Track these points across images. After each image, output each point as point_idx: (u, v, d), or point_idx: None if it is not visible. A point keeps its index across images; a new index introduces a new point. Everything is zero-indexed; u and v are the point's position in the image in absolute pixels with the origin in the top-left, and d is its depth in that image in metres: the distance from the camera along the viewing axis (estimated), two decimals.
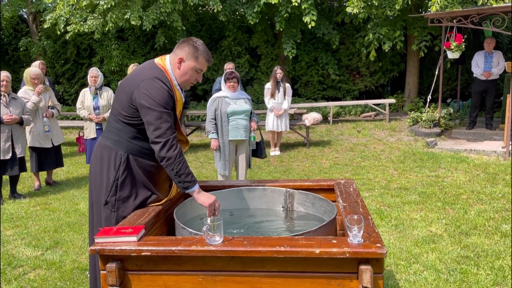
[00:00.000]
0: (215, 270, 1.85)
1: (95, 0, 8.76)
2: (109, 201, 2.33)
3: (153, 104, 2.19)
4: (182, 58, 2.30)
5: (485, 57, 8.05)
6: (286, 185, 2.77)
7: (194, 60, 2.31)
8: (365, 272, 1.72)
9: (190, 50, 2.30)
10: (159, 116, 2.19)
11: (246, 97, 4.93)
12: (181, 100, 2.39)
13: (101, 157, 2.39)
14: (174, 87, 2.32)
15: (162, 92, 2.22)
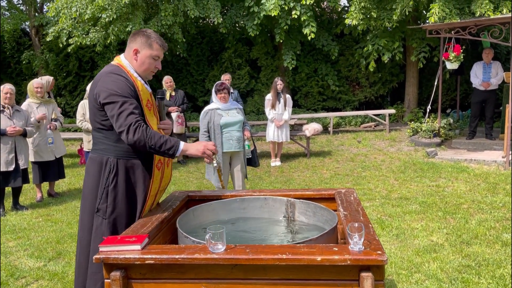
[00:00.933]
0: (218, 278, 1.87)
1: (97, 13, 8.87)
2: (100, 208, 2.31)
3: (110, 97, 2.21)
4: (137, 49, 2.33)
5: (483, 67, 8.13)
6: (287, 194, 2.79)
7: (148, 48, 2.33)
8: (366, 279, 1.74)
9: (142, 39, 2.33)
10: (118, 107, 2.20)
11: (238, 107, 4.97)
12: (145, 90, 2.38)
13: (91, 169, 2.39)
14: (134, 78, 2.32)
15: (117, 83, 2.23)
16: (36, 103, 5.80)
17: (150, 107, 2.39)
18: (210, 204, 2.67)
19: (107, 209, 2.31)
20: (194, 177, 7.13)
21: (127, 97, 2.23)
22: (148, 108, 2.36)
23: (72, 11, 8.84)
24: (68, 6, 8.90)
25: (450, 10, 7.87)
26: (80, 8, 8.79)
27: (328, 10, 12.75)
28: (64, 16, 9.02)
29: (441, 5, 7.83)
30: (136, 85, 2.31)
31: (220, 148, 4.74)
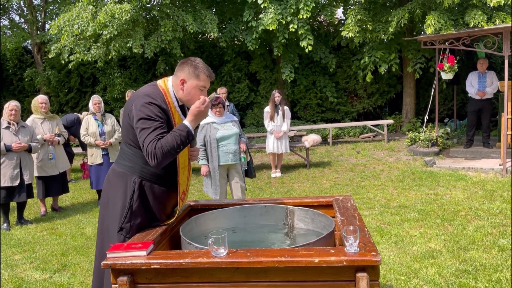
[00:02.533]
0: (221, 281, 1.95)
1: (99, 30, 9.06)
2: (124, 227, 2.33)
3: (140, 122, 2.22)
4: (184, 79, 2.33)
5: (478, 77, 8.27)
6: (286, 202, 2.88)
7: (195, 79, 2.33)
8: (361, 279, 1.82)
9: (190, 69, 2.32)
10: (147, 130, 2.21)
11: (233, 119, 5.07)
12: (181, 121, 2.37)
13: (114, 183, 2.41)
14: (173, 109, 2.34)
15: (152, 106, 2.23)
16: (40, 118, 5.92)
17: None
18: (212, 212, 2.76)
19: (130, 229, 2.34)
20: (195, 189, 7.22)
21: (157, 121, 2.22)
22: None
23: (74, 28, 9.04)
24: (70, 23, 9.10)
25: (445, 21, 8.04)
26: (81, 25, 8.99)
27: (324, 24, 12.98)
28: (66, 34, 9.21)
29: (436, 16, 8.01)
30: (174, 117, 2.33)
31: (216, 161, 4.83)
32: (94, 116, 6.25)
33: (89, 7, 9.17)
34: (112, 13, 8.70)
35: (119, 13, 8.67)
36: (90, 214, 5.96)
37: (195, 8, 10.42)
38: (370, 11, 9.96)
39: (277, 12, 9.52)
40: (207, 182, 4.93)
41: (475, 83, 8.27)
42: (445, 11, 8.35)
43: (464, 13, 8.35)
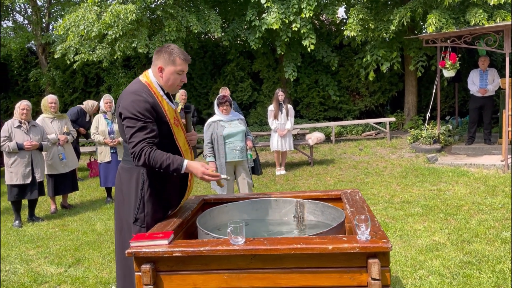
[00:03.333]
0: (239, 268, 2.05)
1: (104, 30, 9.16)
2: (138, 218, 2.44)
3: (127, 120, 2.32)
4: (161, 66, 2.43)
5: (480, 74, 8.37)
6: (296, 196, 2.99)
7: (172, 65, 2.42)
8: (373, 265, 1.93)
9: (165, 56, 2.42)
10: (132, 132, 2.31)
11: (240, 117, 5.17)
12: (171, 109, 2.49)
13: (125, 179, 2.54)
14: (160, 98, 2.43)
15: (137, 104, 2.31)
16: (50, 118, 6.03)
17: (177, 124, 2.51)
18: (225, 206, 2.87)
19: (145, 218, 2.44)
20: (201, 187, 7.33)
21: (142, 120, 2.31)
22: (175, 125, 2.49)
23: (80, 29, 9.14)
24: (76, 24, 9.20)
25: (446, 20, 8.14)
26: (87, 26, 9.09)
27: (327, 23, 13.08)
28: (72, 34, 9.31)
29: (438, 15, 8.10)
30: (162, 105, 2.42)
31: (223, 158, 4.93)
32: (105, 115, 6.36)
33: (94, 7, 9.27)
34: (117, 13, 8.81)
35: (124, 14, 8.78)
36: (100, 211, 6.07)
37: (198, 8, 10.53)
38: (372, 10, 10.07)
39: (280, 12, 9.62)
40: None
41: (477, 80, 8.37)
42: (446, 10, 8.44)
43: (465, 11, 8.45)
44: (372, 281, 1.92)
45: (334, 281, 2.01)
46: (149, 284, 2.06)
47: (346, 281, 1.99)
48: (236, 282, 2.06)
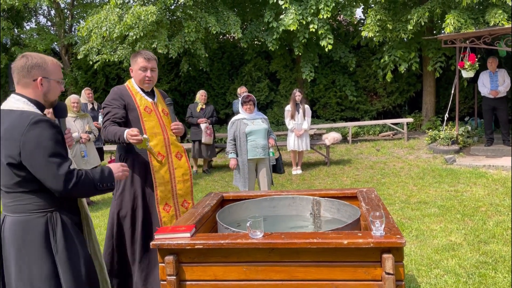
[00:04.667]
0: (257, 261, 2.14)
1: (125, 31, 9.38)
2: (114, 193, 3.10)
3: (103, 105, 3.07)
4: (131, 68, 3.06)
5: (490, 76, 8.30)
6: (313, 194, 3.06)
7: (134, 63, 3.00)
8: (387, 260, 2.00)
9: (132, 59, 3.04)
10: (103, 112, 3.03)
11: (263, 117, 5.30)
12: (143, 99, 3.03)
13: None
14: (134, 91, 3.03)
15: (109, 96, 3.01)
16: (72, 117, 6.23)
17: (149, 111, 3.03)
18: (244, 202, 2.97)
19: (116, 192, 3.05)
20: (219, 185, 7.45)
21: (109, 106, 2.98)
22: (147, 112, 3.02)
23: (102, 30, 9.38)
24: (99, 26, 9.45)
25: (465, 20, 8.08)
26: (109, 27, 9.32)
27: (344, 23, 13.08)
28: (94, 36, 9.56)
29: (456, 15, 8.06)
30: (134, 97, 3.01)
31: (245, 155, 5.05)
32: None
33: (116, 9, 9.50)
34: (138, 15, 9.01)
35: (144, 15, 8.97)
36: None
37: (217, 9, 10.67)
38: (390, 10, 10.04)
39: (297, 13, 9.69)
40: (236, 176, 5.16)
41: (487, 82, 8.30)
42: (465, 10, 8.38)
43: (484, 12, 8.38)
44: (386, 275, 1.99)
45: (349, 275, 2.08)
46: (172, 274, 2.17)
47: (361, 275, 2.07)
48: (254, 274, 2.15)
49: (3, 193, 2.00)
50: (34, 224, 1.97)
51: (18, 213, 1.98)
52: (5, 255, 2.00)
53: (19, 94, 2.06)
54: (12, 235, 1.97)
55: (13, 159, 1.90)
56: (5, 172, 1.95)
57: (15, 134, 1.90)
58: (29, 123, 1.90)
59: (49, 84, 2.08)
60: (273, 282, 2.14)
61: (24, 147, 1.89)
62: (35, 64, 2.04)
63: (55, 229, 2.00)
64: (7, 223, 1.99)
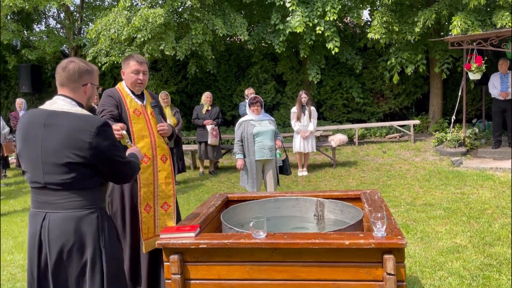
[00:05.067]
0: (260, 261, 2.18)
1: (133, 34, 9.48)
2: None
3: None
4: (123, 71, 3.13)
5: (501, 78, 8.27)
6: (317, 195, 3.10)
7: (127, 67, 3.09)
8: (388, 260, 2.02)
9: (124, 62, 3.13)
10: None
11: (270, 118, 5.35)
12: (133, 102, 3.11)
13: None
14: (125, 94, 3.10)
15: (102, 97, 3.10)
16: None
17: (138, 114, 3.11)
18: (248, 203, 3.00)
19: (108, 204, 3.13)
20: (225, 186, 7.50)
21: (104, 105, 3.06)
22: (136, 114, 3.10)
23: (111, 32, 9.48)
24: (107, 28, 9.55)
25: (472, 22, 8.06)
26: (118, 29, 9.42)
27: (351, 25, 13.08)
28: (103, 38, 9.67)
29: (463, 17, 8.04)
30: (125, 99, 3.10)
31: (253, 155, 5.10)
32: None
33: (124, 12, 9.60)
34: (146, 17, 9.10)
35: (152, 18, 9.06)
36: None
37: (224, 12, 10.73)
38: (397, 12, 10.04)
39: (304, 15, 9.72)
40: (243, 177, 5.21)
41: (497, 84, 8.27)
42: (472, 12, 8.36)
43: (491, 14, 8.35)
44: (387, 276, 2.02)
45: (351, 275, 2.11)
46: (176, 273, 2.21)
47: (362, 275, 2.10)
48: (257, 274, 2.19)
49: (50, 191, 2.07)
50: (88, 219, 2.09)
51: (70, 209, 2.07)
52: (51, 249, 2.07)
53: (68, 97, 2.15)
54: (63, 230, 2.05)
55: (80, 158, 2.04)
56: (62, 170, 2.05)
57: (83, 136, 2.03)
58: (97, 127, 2.05)
59: (92, 90, 2.24)
60: (276, 282, 2.17)
61: (97, 148, 2.05)
62: (85, 70, 2.18)
63: (104, 224, 2.14)
64: (54, 220, 2.06)
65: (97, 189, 2.14)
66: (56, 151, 2.03)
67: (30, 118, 2.12)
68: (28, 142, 2.09)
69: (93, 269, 2.07)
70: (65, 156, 2.03)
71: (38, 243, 2.08)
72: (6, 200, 7.33)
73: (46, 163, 2.05)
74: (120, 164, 2.15)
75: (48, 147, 2.04)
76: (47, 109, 2.12)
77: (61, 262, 2.07)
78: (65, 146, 2.03)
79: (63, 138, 2.03)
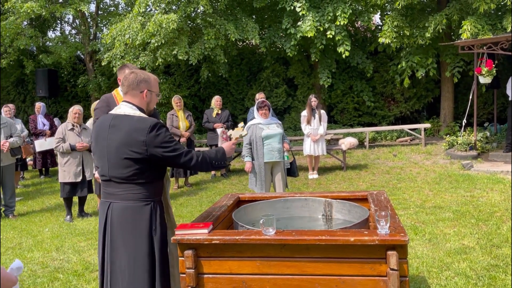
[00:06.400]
0: (270, 256, 2.30)
1: (147, 39, 9.69)
2: None
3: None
4: (118, 78, 3.58)
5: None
6: (325, 196, 3.20)
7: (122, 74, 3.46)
8: (392, 256, 2.13)
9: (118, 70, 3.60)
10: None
11: (277, 122, 5.48)
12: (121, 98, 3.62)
13: None
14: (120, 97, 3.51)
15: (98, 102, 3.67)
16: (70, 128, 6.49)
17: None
18: (258, 203, 3.12)
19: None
20: (236, 189, 7.63)
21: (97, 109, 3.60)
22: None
23: (125, 37, 9.72)
24: (122, 33, 9.79)
25: (482, 26, 8.09)
26: (132, 35, 9.66)
27: (362, 29, 13.15)
28: (118, 43, 9.91)
29: (473, 21, 8.08)
30: (117, 99, 3.57)
31: (262, 158, 5.22)
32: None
33: (139, 18, 9.83)
34: (160, 23, 9.31)
35: (166, 23, 9.26)
36: None
37: (236, 16, 10.90)
38: (408, 16, 10.09)
39: (315, 20, 9.83)
40: (252, 179, 5.33)
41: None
42: (482, 16, 8.39)
43: (502, 18, 8.36)
44: (391, 271, 2.12)
45: (356, 270, 2.22)
46: (191, 268, 2.34)
47: (367, 271, 2.20)
48: (267, 269, 2.31)
49: (114, 184, 2.42)
50: (143, 210, 2.42)
51: (129, 200, 2.41)
52: (112, 233, 2.42)
53: (130, 102, 2.51)
54: (122, 218, 2.40)
55: (138, 154, 2.35)
56: (123, 165, 2.38)
57: (139, 136, 2.34)
58: (150, 126, 2.36)
59: (151, 96, 2.55)
60: (284, 276, 2.29)
61: (150, 144, 2.34)
62: (142, 79, 2.51)
63: (156, 215, 2.45)
64: (115, 209, 2.41)
65: (153, 183, 2.45)
66: (117, 148, 2.36)
67: (101, 120, 2.51)
68: (98, 141, 2.47)
69: (144, 254, 2.40)
70: (124, 152, 2.35)
71: (103, 229, 2.45)
72: (25, 201, 7.56)
73: (110, 159, 2.39)
74: (173, 157, 2.40)
75: (111, 145, 2.38)
76: (114, 113, 2.48)
77: (117, 246, 2.41)
78: (124, 143, 2.35)
79: (123, 137, 2.36)
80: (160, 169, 2.50)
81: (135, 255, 2.41)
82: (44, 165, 9.38)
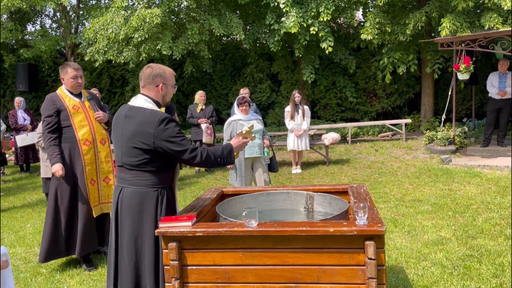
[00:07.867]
0: (252, 247, 2.36)
1: (131, 33, 9.62)
2: None
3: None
4: (62, 77, 3.89)
5: (499, 77, 8.49)
6: (306, 189, 3.28)
7: (65, 74, 3.85)
8: (369, 246, 2.21)
9: (61, 69, 3.88)
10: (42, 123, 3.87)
11: (258, 118, 5.50)
12: (71, 100, 3.85)
13: None
14: (64, 95, 3.85)
15: (44, 103, 3.81)
16: None
17: (77, 108, 3.86)
18: (242, 196, 3.18)
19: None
20: (220, 184, 7.68)
21: (45, 114, 3.79)
22: (75, 109, 3.85)
23: (108, 32, 9.63)
24: (105, 28, 9.69)
25: (460, 24, 8.28)
26: (115, 29, 9.57)
27: (344, 26, 13.29)
28: (101, 37, 9.81)
29: (452, 19, 8.25)
30: (63, 99, 3.84)
31: (242, 153, 5.26)
32: None
33: (122, 12, 9.74)
34: (143, 17, 9.25)
35: (149, 18, 9.21)
36: None
37: (220, 12, 10.90)
38: (389, 13, 10.25)
39: (298, 16, 9.90)
40: (232, 175, 5.37)
41: (496, 83, 8.49)
42: (461, 14, 8.58)
43: (480, 15, 8.57)
44: (369, 260, 2.21)
45: (336, 260, 2.30)
46: (175, 259, 2.39)
47: (346, 260, 2.28)
48: (250, 260, 2.37)
49: (125, 169, 2.61)
50: (150, 195, 2.59)
51: (138, 186, 2.59)
52: (121, 217, 2.62)
53: (145, 95, 2.65)
54: (131, 202, 2.59)
55: (146, 145, 2.50)
56: (132, 153, 2.54)
57: (149, 128, 2.49)
58: (160, 120, 2.49)
59: (166, 89, 2.68)
60: (266, 267, 2.36)
61: (158, 137, 2.48)
62: (158, 73, 2.63)
63: (162, 201, 2.62)
64: (126, 193, 2.61)
65: (161, 172, 2.60)
66: (129, 137, 2.54)
67: (119, 111, 2.69)
68: (115, 130, 2.66)
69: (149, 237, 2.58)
70: (134, 142, 2.52)
71: (115, 211, 2.65)
72: (6, 197, 7.46)
73: (123, 146, 2.58)
74: (177, 152, 2.52)
75: (124, 134, 2.56)
76: (130, 104, 2.65)
77: (126, 227, 2.60)
78: (135, 134, 2.51)
79: (134, 128, 2.52)
80: (169, 160, 2.60)
81: (141, 237, 2.59)
82: (26, 160, 9.26)
